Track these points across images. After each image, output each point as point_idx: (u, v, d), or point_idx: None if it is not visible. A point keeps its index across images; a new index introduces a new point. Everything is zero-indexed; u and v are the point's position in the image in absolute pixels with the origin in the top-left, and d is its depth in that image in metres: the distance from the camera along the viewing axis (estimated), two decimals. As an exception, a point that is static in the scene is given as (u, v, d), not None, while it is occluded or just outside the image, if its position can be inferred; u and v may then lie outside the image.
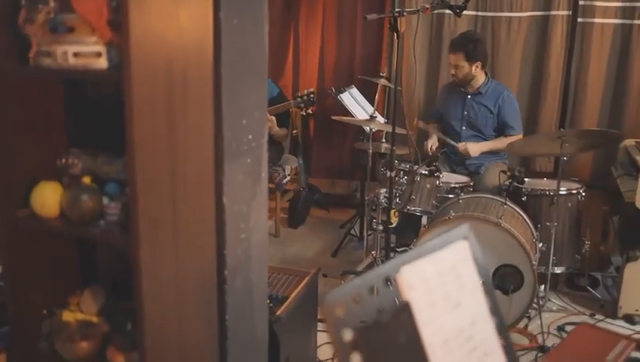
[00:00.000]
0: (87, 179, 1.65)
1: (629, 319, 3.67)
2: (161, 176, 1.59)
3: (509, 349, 1.51)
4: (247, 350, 2.15)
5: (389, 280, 1.30)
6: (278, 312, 2.51)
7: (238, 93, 1.91)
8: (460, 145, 4.25)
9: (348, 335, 1.18)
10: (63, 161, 1.70)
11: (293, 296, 2.64)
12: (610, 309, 3.79)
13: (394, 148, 3.29)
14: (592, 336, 1.79)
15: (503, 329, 1.51)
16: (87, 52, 1.55)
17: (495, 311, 1.50)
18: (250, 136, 2.01)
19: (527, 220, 3.62)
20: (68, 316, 1.74)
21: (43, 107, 1.86)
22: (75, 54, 1.54)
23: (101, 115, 1.77)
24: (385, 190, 3.67)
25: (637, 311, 3.68)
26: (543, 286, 3.63)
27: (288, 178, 4.86)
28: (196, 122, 1.73)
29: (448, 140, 4.33)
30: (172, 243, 1.64)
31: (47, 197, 1.63)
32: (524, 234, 3.37)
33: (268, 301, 2.52)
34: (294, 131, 5.18)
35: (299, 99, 4.49)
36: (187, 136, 1.70)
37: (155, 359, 1.60)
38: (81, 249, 1.93)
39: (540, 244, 3.66)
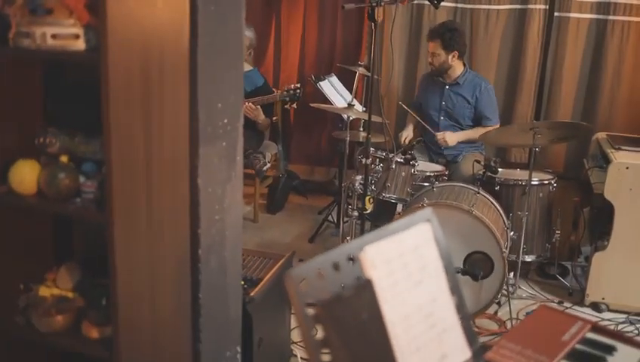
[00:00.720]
0: (64, 158, 1.70)
1: (596, 307, 3.78)
2: (137, 157, 1.64)
3: (468, 327, 1.59)
4: (220, 329, 2.21)
5: (352, 258, 1.36)
6: (252, 293, 2.57)
7: (214, 77, 1.96)
8: (439, 135, 4.33)
9: (311, 308, 1.25)
10: (41, 140, 1.74)
11: (267, 278, 2.70)
12: (578, 297, 3.90)
13: (369, 135, 3.35)
14: (551, 317, 1.86)
15: (463, 308, 1.58)
16: (65, 34, 1.58)
17: (455, 290, 1.58)
18: (225, 120, 2.06)
19: (500, 209, 3.71)
20: (44, 291, 1.79)
21: (22, 87, 1.90)
22: (54, 36, 1.58)
23: (79, 96, 1.81)
24: (360, 177, 3.74)
25: (603, 299, 3.79)
26: (512, 274, 3.72)
27: (269, 165, 4.91)
28: (172, 105, 1.78)
29: (427, 126, 4.41)
30: (146, 222, 1.69)
31: (25, 175, 1.67)
32: (495, 223, 3.45)
33: (242, 282, 2.58)
34: (274, 118, 5.22)
35: (285, 92, 4.55)
36: (162, 119, 1.74)
37: (128, 333, 1.65)
38: (58, 227, 1.97)
39: (512, 233, 3.75)
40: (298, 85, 4.65)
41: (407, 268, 1.45)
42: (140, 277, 1.70)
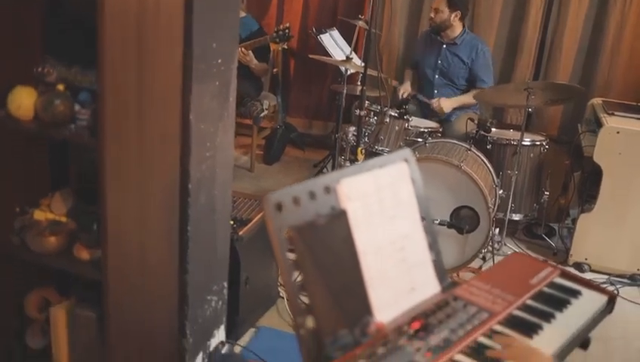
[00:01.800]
0: (60, 87, 1.76)
1: (578, 267, 3.88)
2: (129, 88, 1.70)
3: (439, 264, 1.67)
4: (207, 263, 2.30)
5: (329, 189, 1.44)
6: (241, 232, 2.66)
7: (209, 18, 2.01)
8: (434, 102, 4.37)
9: (285, 231, 1.32)
10: (40, 69, 1.80)
11: (256, 219, 2.79)
12: (562, 257, 3.99)
13: (364, 87, 3.40)
14: (522, 262, 1.94)
15: (435, 246, 1.67)
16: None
17: (429, 229, 1.66)
18: (219, 60, 2.11)
19: (490, 167, 3.77)
20: (39, 215, 1.87)
21: (24, 19, 1.95)
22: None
23: (78, 29, 1.86)
24: (354, 128, 3.80)
25: (586, 259, 3.89)
26: (498, 231, 3.80)
27: (265, 112, 4.95)
28: (166, 41, 1.83)
29: (421, 97, 4.46)
30: (137, 151, 1.75)
31: (23, 100, 1.74)
32: (484, 180, 3.52)
33: (232, 222, 2.66)
34: (275, 70, 5.25)
35: (274, 34, 4.56)
36: (156, 54, 1.80)
37: (117, 257, 1.74)
38: (55, 155, 2.05)
39: (501, 191, 3.82)
40: (287, 25, 4.64)
41: (382, 203, 1.53)
42: (129, 204, 1.77)
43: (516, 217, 4.10)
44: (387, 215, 1.53)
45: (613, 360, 3.02)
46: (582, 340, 1.68)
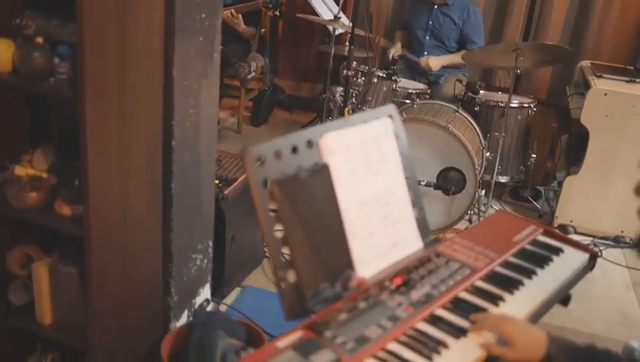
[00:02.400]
0: (39, 40, 1.72)
1: (563, 229, 3.90)
2: (109, 42, 1.67)
3: (422, 221, 1.67)
4: (192, 221, 2.29)
5: (311, 143, 1.42)
6: (226, 192, 2.65)
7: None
8: (422, 60, 4.34)
9: (266, 183, 1.31)
10: (18, 21, 1.76)
11: (242, 178, 2.77)
12: (548, 219, 4.02)
13: (352, 47, 3.36)
14: (506, 220, 1.95)
15: (419, 203, 1.66)
16: None
17: (412, 186, 1.65)
18: (203, 15, 2.07)
19: (477, 129, 3.77)
20: (20, 170, 1.84)
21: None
22: None
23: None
24: (342, 89, 3.77)
25: (571, 221, 3.91)
26: (484, 192, 3.81)
27: (253, 73, 4.90)
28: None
29: (410, 56, 4.42)
30: (119, 106, 1.73)
31: (1, 52, 1.69)
32: (471, 141, 3.52)
33: (217, 181, 2.65)
34: (262, 30, 5.18)
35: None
36: (137, 7, 1.76)
37: (98, 212, 1.72)
38: (35, 112, 2.01)
39: (488, 153, 3.82)
40: None
41: (365, 158, 1.52)
42: (110, 160, 1.75)
43: (503, 179, 4.11)
44: (370, 170, 1.52)
45: (595, 320, 3.06)
46: (562, 296, 1.69)
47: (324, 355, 1.21)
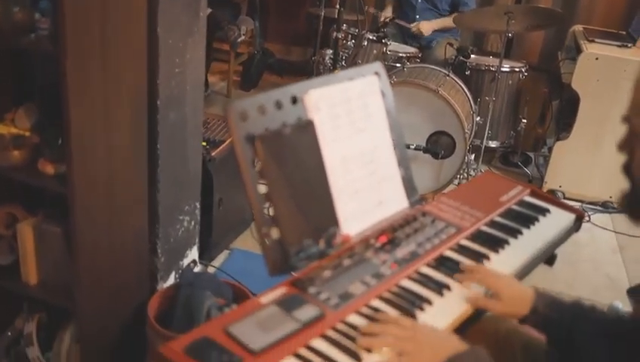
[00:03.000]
0: (19, -6, 1.68)
1: (552, 194, 3.91)
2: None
3: (408, 180, 1.66)
4: (179, 182, 2.27)
5: (296, 99, 1.40)
6: (214, 154, 2.63)
7: None
8: (413, 26, 4.30)
9: (250, 139, 1.30)
10: (-3, -25, 1.72)
11: (229, 140, 2.75)
12: (537, 185, 4.02)
13: (342, 9, 3.32)
14: (493, 181, 1.94)
15: (405, 162, 1.65)
16: None
17: (398, 144, 1.63)
18: (188, -29, 2.03)
19: (468, 93, 3.74)
20: (2, 129, 1.82)
21: None
22: None
23: None
24: (331, 51, 3.73)
25: (560, 187, 3.92)
26: (474, 157, 3.80)
27: (243, 37, 4.85)
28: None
29: (401, 22, 4.37)
30: (101, 64, 1.69)
31: (-21, 7, 1.66)
32: (461, 105, 3.50)
33: (204, 143, 2.63)
34: (253, -8, 5.13)
35: None
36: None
37: (81, 171, 1.70)
38: (18, 69, 1.98)
39: (478, 118, 3.80)
40: None
41: (350, 115, 1.50)
42: (94, 119, 1.72)
43: (493, 144, 4.11)
44: (356, 127, 1.51)
45: (581, 283, 3.08)
46: (548, 256, 1.69)
47: (308, 310, 1.21)
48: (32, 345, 2.04)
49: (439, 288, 1.36)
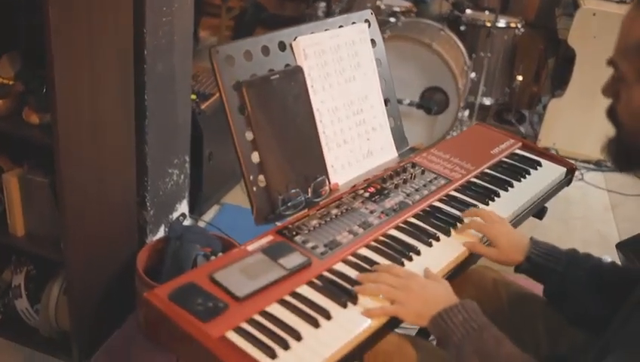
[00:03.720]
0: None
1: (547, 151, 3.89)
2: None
3: (398, 131, 1.63)
4: (168, 135, 2.24)
5: (284, 46, 1.37)
6: (203, 106, 2.59)
7: None
8: None
9: (236, 85, 1.27)
10: None
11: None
12: (531, 142, 4.00)
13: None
14: (484, 133, 1.91)
15: (394, 112, 1.62)
16: None
17: (389, 94, 1.61)
18: None
19: (463, 49, 3.70)
20: (-15, 77, 1.78)
21: None
22: None
23: None
24: (324, 4, 3.67)
25: (554, 144, 3.91)
26: (468, 113, 3.77)
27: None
28: None
29: None
30: (85, 9, 1.64)
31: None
32: (455, 60, 3.46)
33: (194, 96, 2.60)
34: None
35: None
36: None
37: (66, 121, 1.66)
38: (0, 17, 1.93)
39: (473, 74, 3.77)
40: None
41: (340, 63, 1.47)
42: (79, 67, 1.68)
43: (487, 101, 4.07)
44: (345, 75, 1.48)
45: (573, 239, 3.09)
46: (538, 209, 1.68)
47: (294, 258, 1.20)
48: (20, 297, 2.04)
49: (427, 238, 1.35)
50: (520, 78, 4.02)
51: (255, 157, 1.29)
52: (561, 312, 1.36)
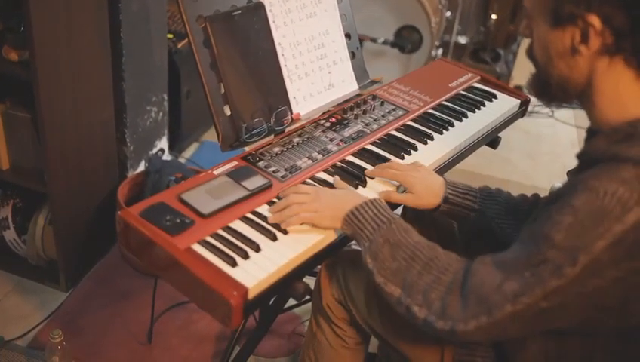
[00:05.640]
0: None
1: (518, 89, 3.98)
2: None
3: (359, 64, 1.73)
4: (145, 73, 2.32)
5: (246, -17, 1.45)
6: (180, 45, 2.66)
7: None
8: None
9: (200, 19, 1.35)
10: None
11: (196, 33, 2.77)
12: (504, 80, 4.08)
13: None
14: (445, 68, 2.01)
15: (355, 46, 1.71)
16: None
17: (350, 29, 1.70)
18: None
19: (438, -13, 3.75)
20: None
21: None
22: None
23: None
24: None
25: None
26: (441, 51, 3.85)
27: None
28: None
29: None
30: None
31: None
32: (429, -1, 3.52)
33: (171, 35, 2.66)
34: None
35: None
36: None
37: (44, 57, 1.75)
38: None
39: (448, 13, 3.82)
40: None
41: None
42: (55, 5, 1.75)
43: (462, 40, 4.14)
44: (306, 11, 1.56)
45: (539, 174, 3.22)
46: (491, 139, 1.79)
47: (256, 180, 1.31)
48: (8, 229, 2.15)
49: (382, 163, 1.45)
50: (494, 16, 4.07)
51: (220, 88, 1.38)
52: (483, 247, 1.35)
